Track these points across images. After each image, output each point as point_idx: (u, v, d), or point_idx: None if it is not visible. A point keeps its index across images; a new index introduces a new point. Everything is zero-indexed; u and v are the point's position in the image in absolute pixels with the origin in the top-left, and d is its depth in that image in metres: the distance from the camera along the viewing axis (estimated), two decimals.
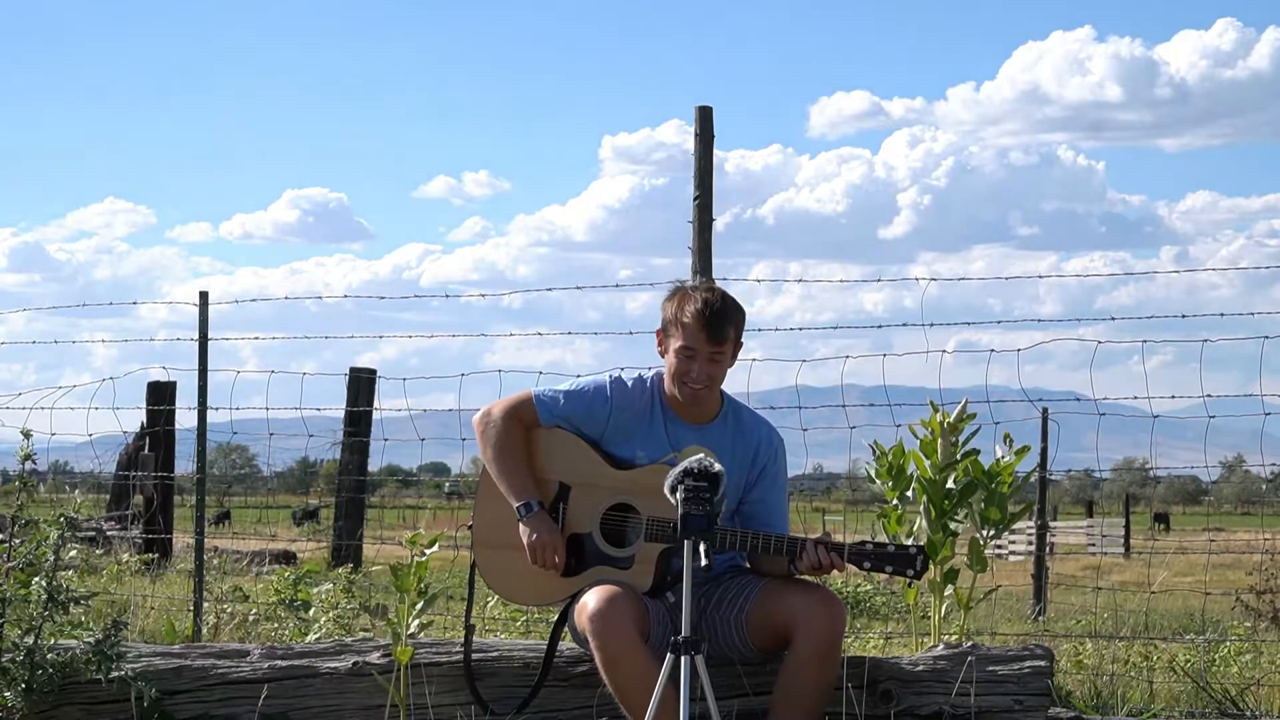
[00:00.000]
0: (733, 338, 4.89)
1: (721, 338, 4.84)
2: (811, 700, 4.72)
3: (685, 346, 4.85)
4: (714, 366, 4.87)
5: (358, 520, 16.21)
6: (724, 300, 4.90)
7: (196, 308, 8.33)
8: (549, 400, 4.99)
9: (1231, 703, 6.40)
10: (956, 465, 5.92)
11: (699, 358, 4.85)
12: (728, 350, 4.89)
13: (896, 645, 8.38)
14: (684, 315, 4.85)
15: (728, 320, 4.86)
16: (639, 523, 4.89)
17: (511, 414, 4.98)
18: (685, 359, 4.86)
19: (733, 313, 4.89)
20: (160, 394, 14.10)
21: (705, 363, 4.85)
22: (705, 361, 4.85)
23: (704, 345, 4.84)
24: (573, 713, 5.12)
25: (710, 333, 4.82)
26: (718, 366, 4.89)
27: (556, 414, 4.97)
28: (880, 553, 4.86)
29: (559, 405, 4.98)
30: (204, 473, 8.56)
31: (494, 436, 4.96)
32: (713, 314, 4.83)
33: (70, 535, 5.27)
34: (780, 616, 4.74)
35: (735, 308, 4.92)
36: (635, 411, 4.96)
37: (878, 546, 4.89)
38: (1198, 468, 7.74)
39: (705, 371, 4.86)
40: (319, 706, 5.23)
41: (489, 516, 5.14)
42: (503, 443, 4.95)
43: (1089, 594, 12.19)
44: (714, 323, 4.82)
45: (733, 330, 4.88)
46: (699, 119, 7.05)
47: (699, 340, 4.83)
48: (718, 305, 4.85)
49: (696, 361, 4.85)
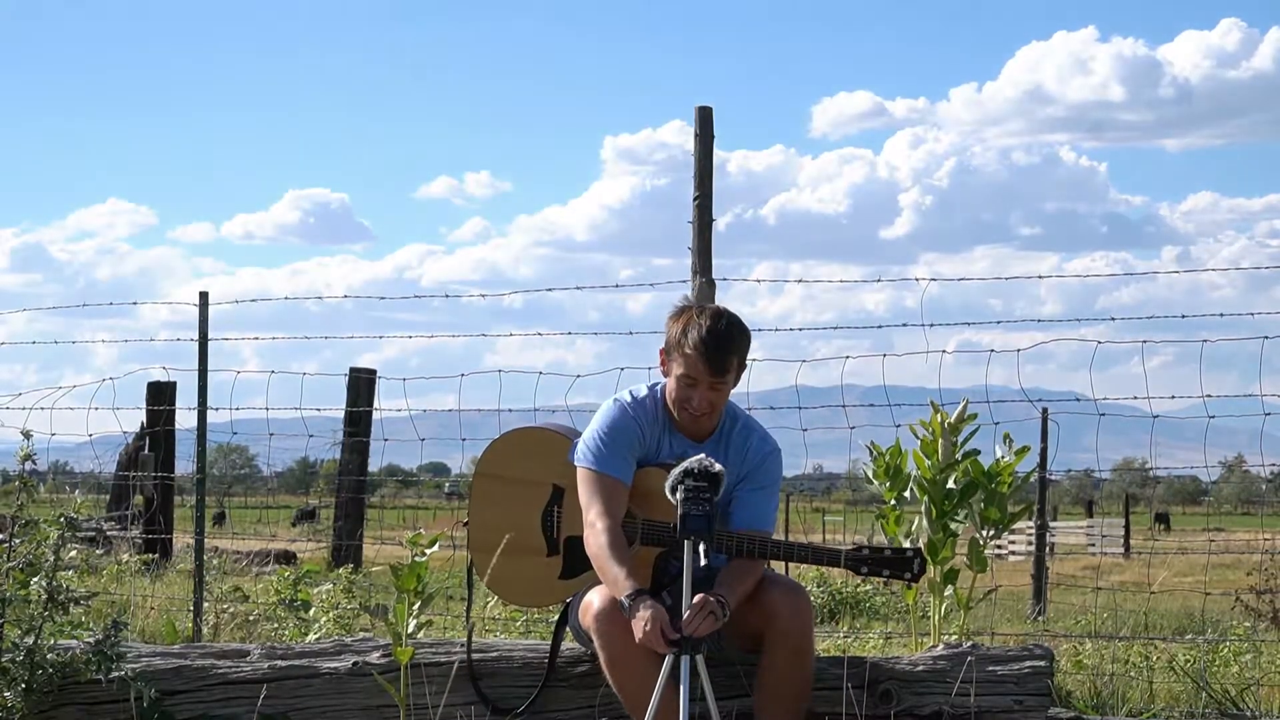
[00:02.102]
0: (735, 367, 4.84)
1: (723, 369, 4.80)
2: (794, 695, 4.74)
3: (686, 375, 4.82)
4: (715, 394, 4.84)
5: (358, 520, 16.19)
6: (728, 328, 4.82)
7: (196, 308, 8.33)
8: (596, 454, 4.86)
9: (1231, 703, 6.40)
10: (957, 465, 5.92)
11: (700, 386, 4.82)
12: (729, 379, 4.85)
13: (896, 645, 8.38)
14: (686, 345, 4.79)
15: (731, 350, 4.80)
16: (634, 526, 4.89)
17: (603, 510, 4.79)
18: (686, 387, 4.83)
19: (737, 341, 4.83)
20: (160, 394, 14.10)
21: (706, 390, 4.82)
22: (706, 389, 4.82)
23: (705, 375, 4.80)
24: (574, 713, 5.12)
25: (712, 366, 4.78)
26: (719, 394, 4.85)
27: (612, 460, 4.86)
28: (876, 558, 4.87)
29: (604, 455, 4.86)
30: (204, 473, 8.56)
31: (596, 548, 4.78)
32: (716, 345, 4.76)
33: (70, 535, 5.27)
34: (750, 618, 4.73)
35: (739, 334, 4.85)
36: (648, 425, 4.94)
37: (873, 551, 4.89)
38: (1198, 468, 7.74)
39: (706, 399, 4.84)
40: (319, 706, 5.23)
41: (485, 519, 5.14)
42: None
43: (1089, 594, 12.18)
44: (715, 355, 4.77)
45: (735, 360, 4.83)
46: (699, 119, 7.06)
47: (700, 371, 4.79)
48: (721, 334, 4.78)
49: (697, 390, 4.82)
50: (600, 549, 4.71)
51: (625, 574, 4.60)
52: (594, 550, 4.76)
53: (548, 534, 5.08)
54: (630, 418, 4.90)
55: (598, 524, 4.76)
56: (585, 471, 4.87)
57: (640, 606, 4.48)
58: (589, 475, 4.86)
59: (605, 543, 4.71)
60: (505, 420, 7.04)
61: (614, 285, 7.93)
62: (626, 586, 4.57)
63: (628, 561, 4.68)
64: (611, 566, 4.65)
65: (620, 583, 4.59)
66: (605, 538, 4.72)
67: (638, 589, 4.55)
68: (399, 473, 31.94)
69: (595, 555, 4.75)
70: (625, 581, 4.58)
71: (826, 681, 4.96)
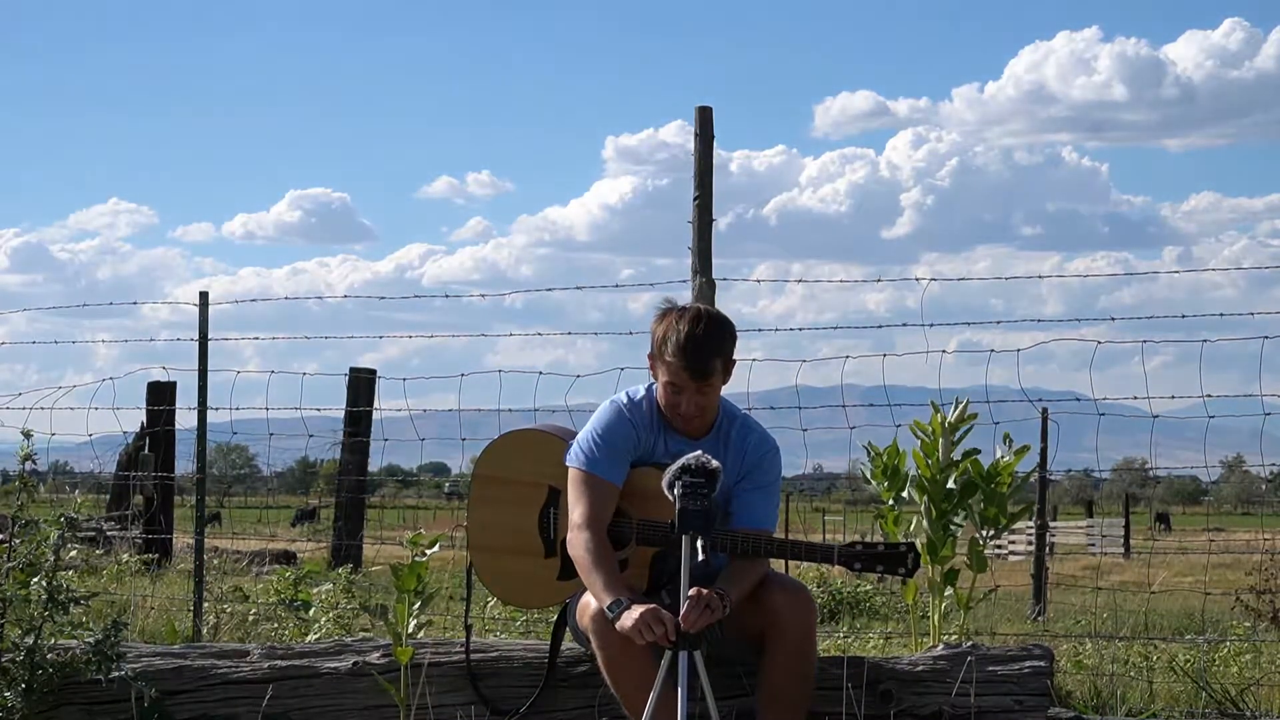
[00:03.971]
0: (719, 368, 4.80)
1: (706, 374, 4.76)
2: (795, 695, 4.74)
3: (670, 382, 4.80)
4: (703, 397, 4.81)
5: (358, 520, 16.20)
6: (707, 329, 4.76)
7: (197, 308, 8.33)
8: (588, 456, 4.85)
9: (1231, 703, 6.40)
10: (956, 465, 5.92)
11: (686, 392, 4.79)
12: (715, 381, 4.81)
13: (896, 645, 8.38)
14: (667, 353, 4.75)
15: (711, 353, 4.75)
16: (630, 526, 4.89)
17: (588, 514, 4.78)
18: (673, 393, 4.82)
19: (717, 341, 4.78)
20: (160, 394, 14.10)
21: (694, 394, 4.80)
22: (693, 394, 4.79)
23: (688, 382, 4.77)
24: (573, 713, 5.11)
25: (693, 371, 4.75)
26: (707, 396, 4.82)
27: (604, 462, 4.85)
28: (870, 554, 4.86)
29: (595, 456, 4.85)
30: (204, 473, 8.56)
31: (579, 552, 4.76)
32: (695, 350, 4.71)
33: (70, 535, 5.27)
34: (752, 618, 4.72)
35: (719, 334, 4.79)
36: (644, 426, 4.93)
37: (867, 547, 4.88)
38: (1198, 468, 7.75)
39: (694, 403, 4.81)
40: (319, 706, 5.23)
41: (483, 520, 5.14)
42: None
43: (1089, 594, 12.18)
44: (696, 361, 4.73)
45: (719, 360, 4.79)
46: (699, 119, 7.06)
47: (683, 379, 4.77)
48: (699, 338, 4.72)
49: (684, 395, 4.80)
50: (583, 555, 4.70)
51: (606, 582, 4.58)
52: (576, 555, 4.74)
53: (545, 535, 5.07)
54: (625, 419, 4.89)
55: (582, 528, 4.75)
56: (575, 472, 4.86)
57: (626, 610, 4.46)
58: (579, 476, 4.85)
59: (590, 549, 4.69)
60: (505, 420, 7.05)
61: (614, 285, 7.94)
62: (607, 597, 4.55)
63: (612, 568, 4.66)
64: (592, 573, 4.64)
65: (603, 590, 4.57)
66: (590, 543, 4.70)
67: (618, 599, 4.52)
68: (399, 473, 31.95)
69: (578, 560, 4.73)
70: (607, 591, 4.56)
71: (827, 681, 4.95)
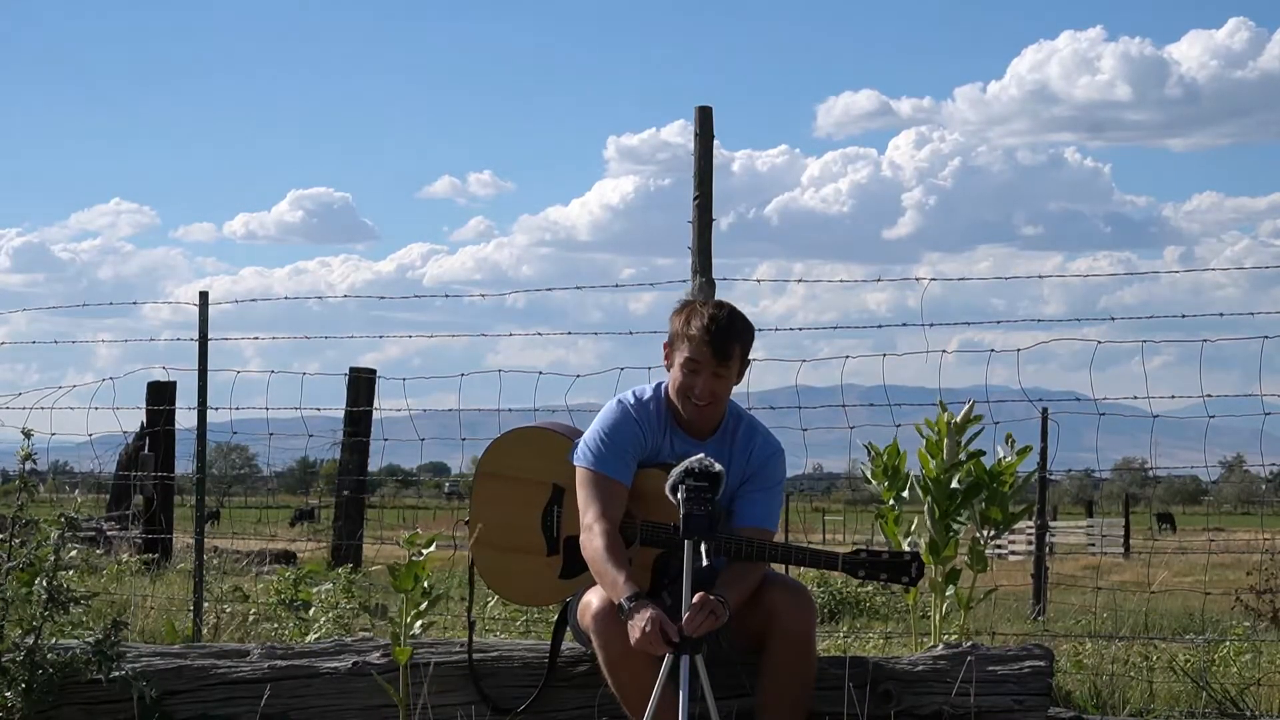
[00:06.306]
0: (738, 355, 4.84)
1: (726, 354, 4.80)
2: (795, 695, 4.75)
3: (690, 359, 4.81)
4: (718, 383, 4.83)
5: (358, 520, 16.18)
6: (731, 317, 4.84)
7: (197, 308, 8.33)
8: (596, 455, 4.85)
9: (1231, 703, 6.40)
10: (961, 466, 5.92)
11: (703, 372, 4.81)
12: (733, 368, 4.84)
13: (896, 645, 8.38)
14: (690, 329, 4.80)
15: (734, 337, 4.81)
16: (634, 527, 4.89)
17: (600, 512, 4.78)
18: (690, 373, 4.83)
19: (740, 331, 4.85)
20: (160, 394, 14.10)
21: (709, 378, 4.81)
22: (709, 377, 4.81)
23: (708, 360, 4.79)
24: (573, 712, 5.11)
25: (715, 348, 4.78)
26: (722, 383, 4.84)
27: (612, 461, 4.85)
28: (873, 561, 4.86)
29: (604, 455, 4.85)
30: (204, 473, 8.56)
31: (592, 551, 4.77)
32: (719, 329, 4.78)
33: (70, 535, 5.26)
34: (752, 618, 4.72)
35: (743, 326, 4.87)
36: (651, 426, 4.94)
37: (871, 555, 4.88)
38: (1198, 468, 7.76)
39: (709, 387, 4.82)
40: (319, 706, 5.23)
41: (485, 518, 5.14)
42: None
43: (1089, 594, 12.19)
44: (719, 339, 4.78)
45: (739, 348, 4.84)
46: (699, 119, 7.06)
47: (704, 354, 4.79)
48: (724, 321, 4.81)
49: (701, 376, 4.81)
50: (597, 552, 4.70)
51: (624, 578, 4.59)
52: (591, 553, 4.75)
53: (548, 533, 5.08)
54: (632, 419, 4.90)
55: (595, 526, 4.76)
56: (584, 472, 4.87)
57: (638, 610, 4.46)
58: (588, 476, 4.85)
59: (602, 546, 4.69)
60: (505, 420, 7.05)
61: (615, 285, 7.94)
62: (625, 590, 4.55)
63: (625, 565, 4.66)
64: (609, 570, 4.64)
65: (619, 586, 4.58)
66: (603, 541, 4.71)
67: (635, 592, 4.54)
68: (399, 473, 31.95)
69: (592, 559, 4.74)
70: (624, 585, 4.57)
71: (827, 681, 4.95)
